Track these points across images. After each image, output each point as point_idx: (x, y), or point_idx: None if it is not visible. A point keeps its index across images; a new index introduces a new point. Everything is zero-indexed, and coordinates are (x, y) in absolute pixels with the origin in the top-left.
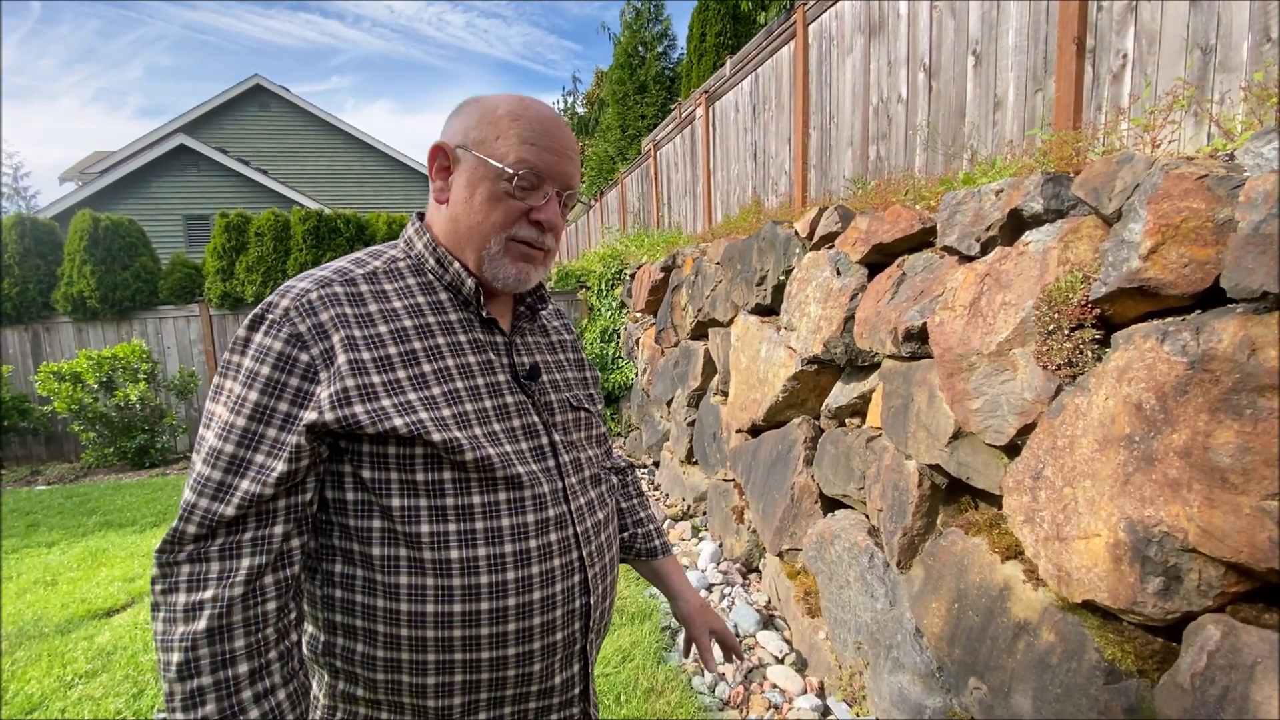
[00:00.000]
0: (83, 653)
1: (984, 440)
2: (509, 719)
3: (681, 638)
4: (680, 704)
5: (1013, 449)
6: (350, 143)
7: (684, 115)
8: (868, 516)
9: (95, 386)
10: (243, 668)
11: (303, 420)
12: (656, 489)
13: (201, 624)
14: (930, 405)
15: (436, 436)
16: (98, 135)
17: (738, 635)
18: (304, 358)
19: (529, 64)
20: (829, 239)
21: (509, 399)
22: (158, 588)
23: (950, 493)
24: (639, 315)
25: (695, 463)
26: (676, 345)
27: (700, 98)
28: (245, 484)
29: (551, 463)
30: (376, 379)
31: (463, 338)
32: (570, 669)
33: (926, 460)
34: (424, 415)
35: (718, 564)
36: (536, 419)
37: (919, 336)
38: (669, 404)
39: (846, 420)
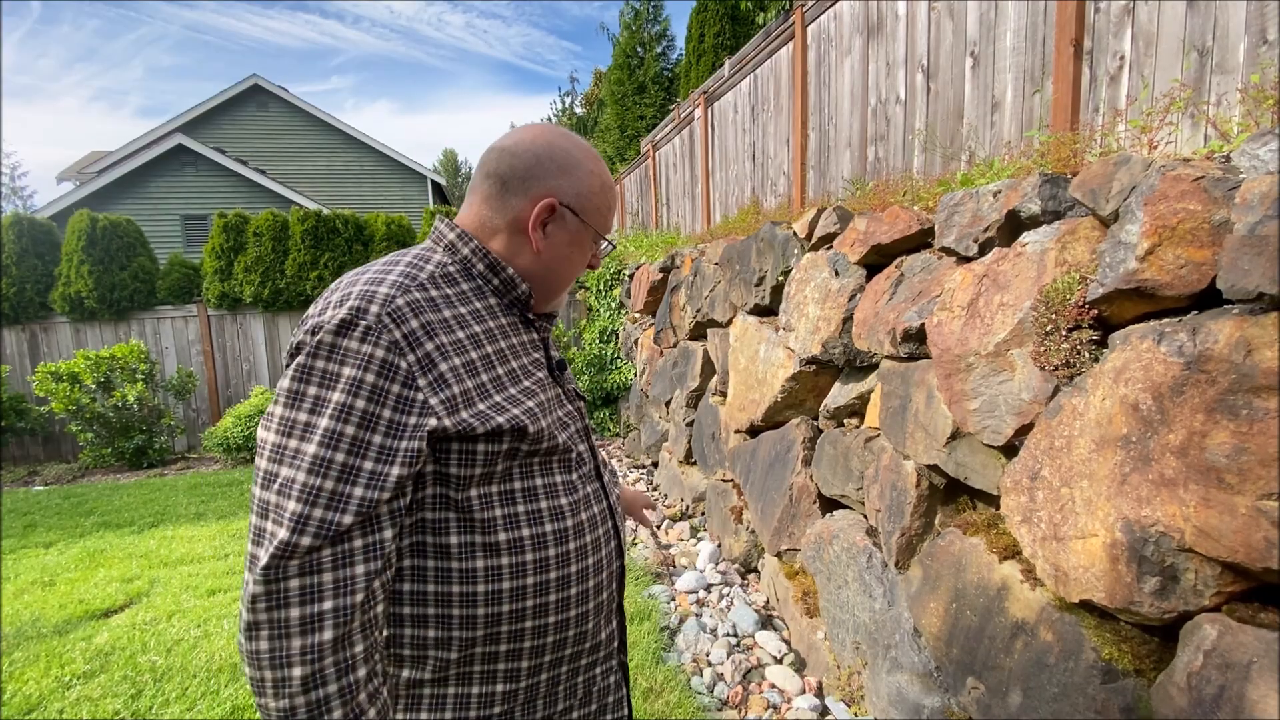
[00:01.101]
0: (81, 653)
1: (982, 440)
2: (565, 676)
3: (680, 638)
4: (679, 704)
5: (1010, 449)
6: (348, 142)
7: (682, 116)
8: (866, 517)
9: (93, 387)
10: (362, 671)
11: (419, 426)
12: (655, 489)
13: (326, 634)
14: (928, 406)
15: (532, 427)
16: (98, 135)
17: (736, 636)
18: (404, 365)
19: (528, 64)
20: (827, 240)
21: (553, 391)
22: (262, 605)
23: (948, 493)
24: (637, 316)
25: (694, 463)
26: (675, 346)
27: (699, 98)
28: (360, 491)
29: (586, 445)
30: (471, 383)
31: (515, 339)
32: (611, 624)
33: (925, 460)
34: (516, 411)
35: (716, 564)
36: (571, 406)
37: (917, 337)
38: (667, 404)
39: (845, 421)
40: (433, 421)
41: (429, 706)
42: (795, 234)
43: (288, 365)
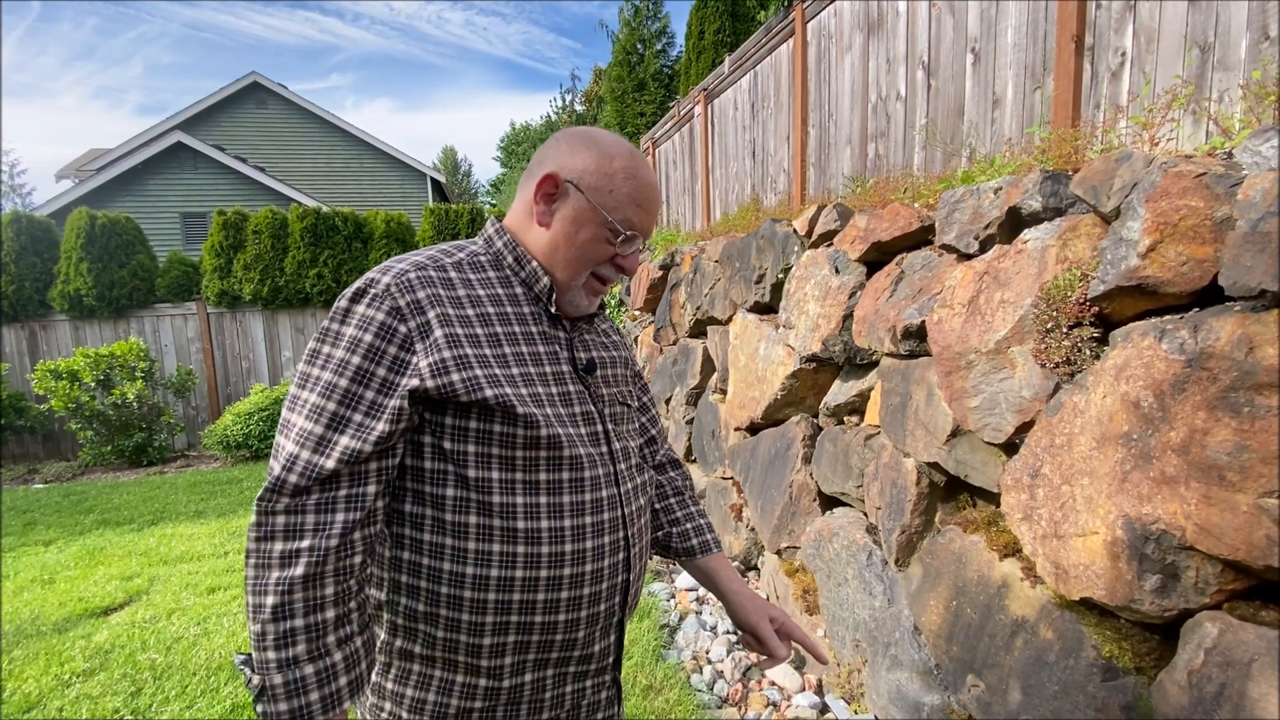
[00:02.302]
0: (80, 651)
1: (982, 438)
2: (551, 680)
3: (680, 636)
4: (679, 701)
5: (1011, 447)
6: (348, 140)
7: (682, 113)
8: (866, 514)
9: (92, 385)
10: (330, 613)
11: (404, 386)
12: None
13: (299, 570)
14: (929, 403)
15: (520, 409)
16: (97, 133)
17: (736, 633)
18: (402, 329)
19: (528, 62)
20: (828, 237)
21: (571, 387)
22: (254, 534)
23: (948, 490)
24: (637, 313)
25: (694, 461)
26: (675, 343)
27: (699, 95)
28: (345, 440)
29: (605, 449)
30: (470, 351)
31: (534, 328)
32: (608, 639)
33: (925, 458)
34: (508, 390)
35: None
36: (593, 408)
37: (917, 334)
38: (667, 402)
39: (845, 418)
40: (414, 382)
41: (416, 684)
42: (795, 231)
43: None
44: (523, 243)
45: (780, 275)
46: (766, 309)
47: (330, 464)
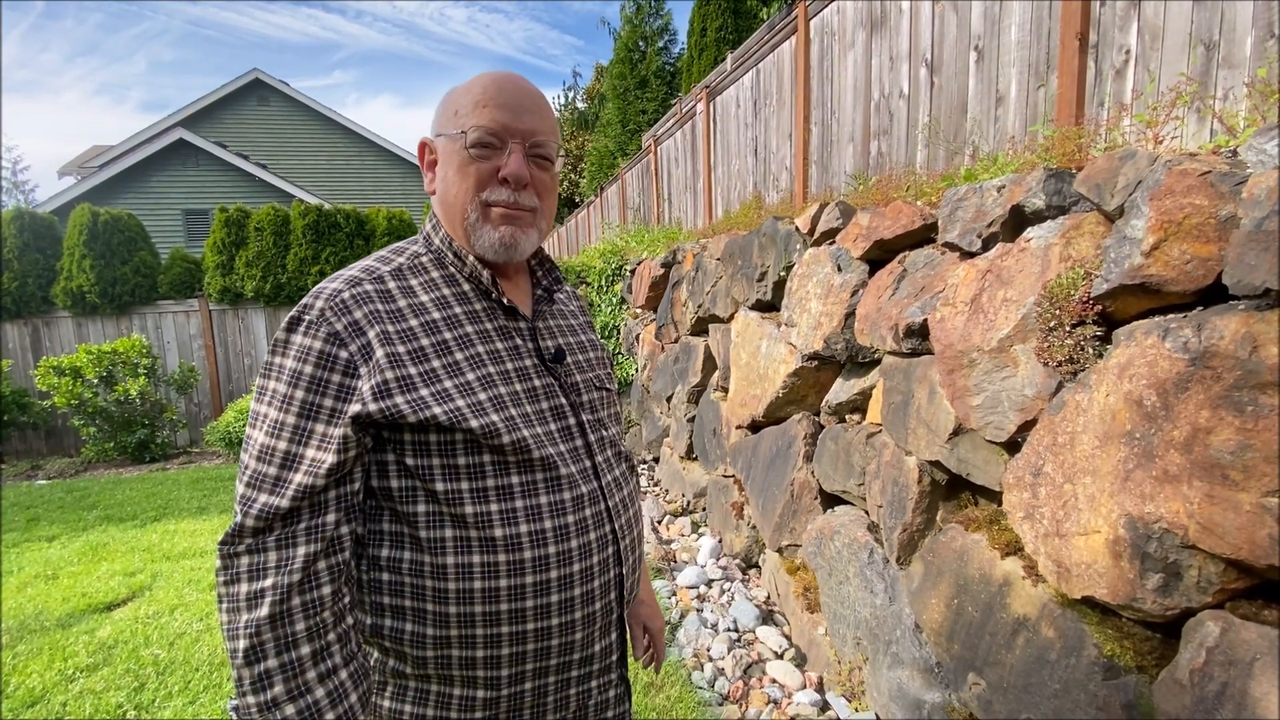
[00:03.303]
0: (84, 647)
1: (984, 437)
2: (554, 685)
3: (681, 633)
4: (680, 698)
5: (1013, 445)
6: (349, 137)
7: (685, 110)
8: (867, 513)
9: (95, 381)
10: (305, 649)
11: (348, 413)
12: (656, 485)
13: (264, 610)
14: (931, 402)
15: (474, 423)
16: (100, 129)
17: (737, 631)
18: (343, 354)
19: (530, 59)
20: (830, 235)
21: (537, 382)
22: (221, 579)
23: (950, 489)
24: (639, 311)
25: (695, 459)
26: (677, 341)
27: (701, 93)
28: (298, 477)
29: (580, 442)
30: (413, 370)
31: (489, 325)
32: (609, 636)
33: (926, 457)
34: (461, 403)
35: (717, 560)
36: (564, 400)
37: (920, 333)
38: (669, 400)
39: (847, 416)
40: (357, 407)
41: (413, 700)
42: (798, 229)
43: None
44: (445, 227)
45: (782, 273)
46: (768, 307)
47: (285, 503)
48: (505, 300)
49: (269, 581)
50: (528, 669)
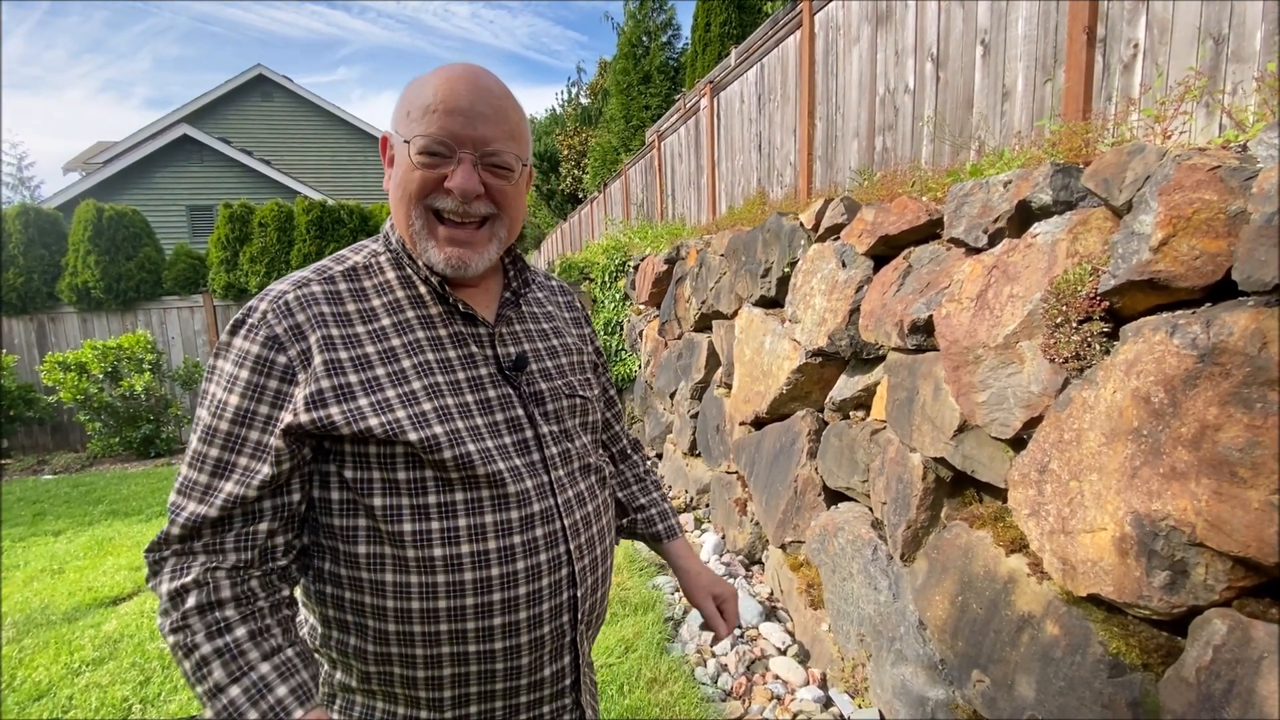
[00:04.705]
0: (90, 640)
1: (989, 433)
2: (500, 711)
3: (685, 629)
4: (683, 694)
5: (1018, 442)
6: (353, 133)
7: (688, 106)
8: (871, 509)
9: (100, 376)
10: (240, 631)
11: (284, 421)
12: (659, 481)
13: (190, 601)
14: (935, 398)
15: (413, 436)
16: (104, 126)
17: (740, 627)
18: (281, 360)
19: (534, 55)
20: (834, 231)
21: (491, 392)
22: (150, 584)
23: (955, 486)
24: (642, 307)
25: (698, 455)
26: (680, 337)
27: (705, 88)
28: (229, 486)
29: (537, 456)
30: (353, 378)
31: (443, 331)
32: (560, 661)
33: (931, 453)
34: (401, 414)
35: (720, 556)
36: (521, 412)
37: (925, 329)
38: (672, 396)
39: (851, 413)
40: (289, 418)
41: (360, 716)
42: (802, 225)
43: None
44: (399, 228)
45: (786, 269)
46: (772, 303)
47: (214, 513)
48: (462, 306)
49: (192, 576)
50: (471, 691)
